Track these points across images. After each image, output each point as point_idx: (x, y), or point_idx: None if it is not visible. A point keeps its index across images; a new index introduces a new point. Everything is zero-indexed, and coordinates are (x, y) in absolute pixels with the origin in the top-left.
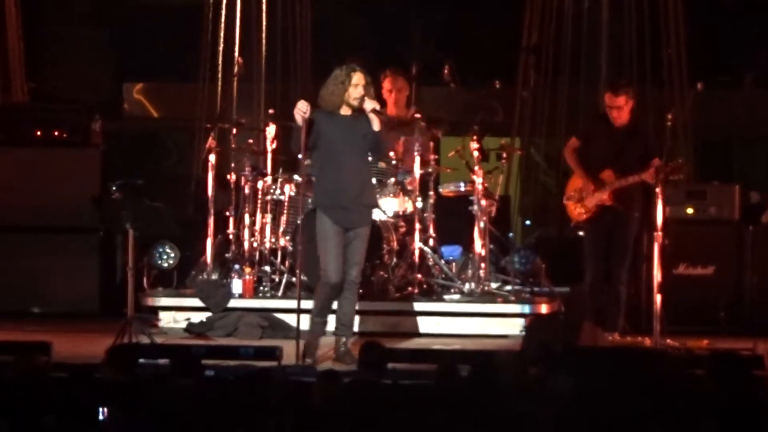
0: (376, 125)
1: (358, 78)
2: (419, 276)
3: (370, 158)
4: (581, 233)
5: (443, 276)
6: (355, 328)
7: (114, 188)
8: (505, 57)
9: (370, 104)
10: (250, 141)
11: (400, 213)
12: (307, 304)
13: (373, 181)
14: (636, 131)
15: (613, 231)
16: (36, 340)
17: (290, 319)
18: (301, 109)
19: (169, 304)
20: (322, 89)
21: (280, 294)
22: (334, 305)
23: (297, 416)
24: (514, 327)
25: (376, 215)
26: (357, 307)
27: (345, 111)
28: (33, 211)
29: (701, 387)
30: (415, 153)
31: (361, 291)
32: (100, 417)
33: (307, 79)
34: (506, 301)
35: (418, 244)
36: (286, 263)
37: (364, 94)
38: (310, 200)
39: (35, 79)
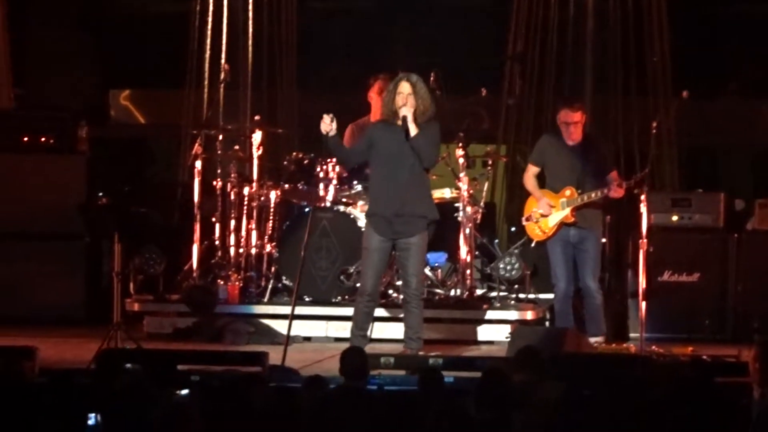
0: (411, 132)
1: (402, 86)
2: None
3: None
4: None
5: (428, 283)
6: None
7: (100, 194)
8: (490, 65)
9: (403, 110)
10: (236, 147)
11: None
12: (296, 310)
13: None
14: (590, 146)
15: (579, 245)
16: (21, 345)
17: (276, 324)
18: (325, 122)
19: (155, 309)
20: None
21: (266, 299)
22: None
23: (282, 421)
24: (500, 333)
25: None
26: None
27: (400, 121)
28: (19, 217)
29: (685, 394)
30: None
31: (345, 298)
32: (90, 422)
33: (293, 86)
34: (491, 307)
35: None
36: (272, 269)
37: (404, 103)
38: (296, 206)
39: (21, 86)
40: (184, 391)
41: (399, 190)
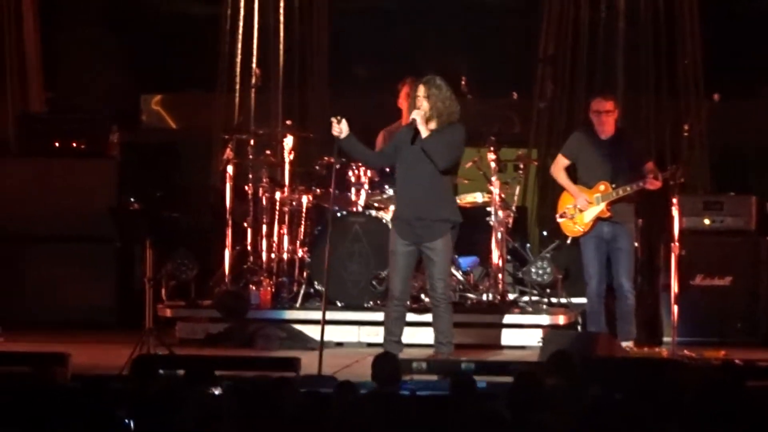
0: (421, 134)
1: (417, 90)
2: None
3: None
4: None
5: (461, 287)
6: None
7: (132, 199)
8: (522, 67)
9: (413, 114)
10: (268, 152)
11: None
12: (328, 315)
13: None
14: (623, 139)
15: (613, 243)
16: (53, 351)
17: (308, 329)
18: (335, 126)
19: (187, 315)
20: None
21: (298, 305)
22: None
23: (313, 426)
24: (532, 338)
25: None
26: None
27: (427, 124)
28: (51, 221)
29: (716, 397)
30: None
31: (377, 303)
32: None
33: (325, 90)
34: (523, 312)
35: None
36: (304, 274)
37: (417, 105)
38: (328, 211)
39: (53, 89)
40: (217, 391)
41: (419, 193)
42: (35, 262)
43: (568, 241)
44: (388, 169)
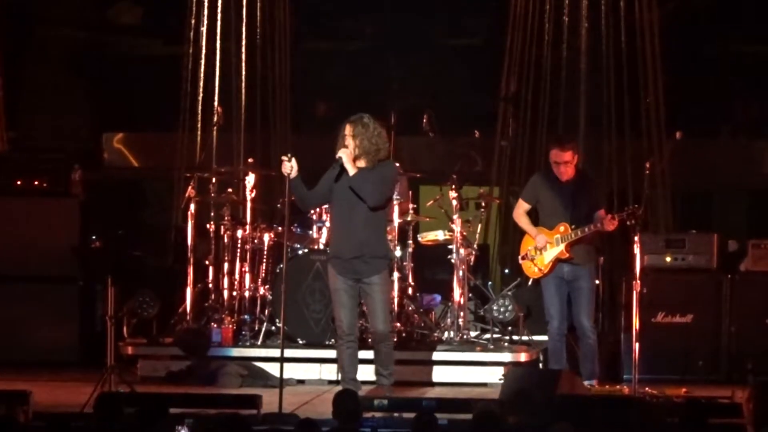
0: (348, 172)
1: (345, 128)
2: (398, 325)
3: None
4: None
5: (422, 325)
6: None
7: (94, 238)
8: (483, 106)
9: (339, 153)
10: (230, 190)
11: None
12: (289, 352)
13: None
14: (583, 182)
15: (573, 283)
16: (15, 389)
17: (270, 367)
18: (285, 165)
19: (149, 353)
20: None
21: (259, 342)
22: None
23: None
24: (493, 375)
25: None
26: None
27: (357, 163)
28: (13, 260)
29: None
30: (394, 202)
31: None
32: None
33: (287, 128)
34: (485, 349)
35: (396, 292)
36: (266, 312)
37: (344, 144)
38: (290, 249)
39: (15, 129)
40: (183, 430)
41: (356, 231)
42: None
43: (530, 282)
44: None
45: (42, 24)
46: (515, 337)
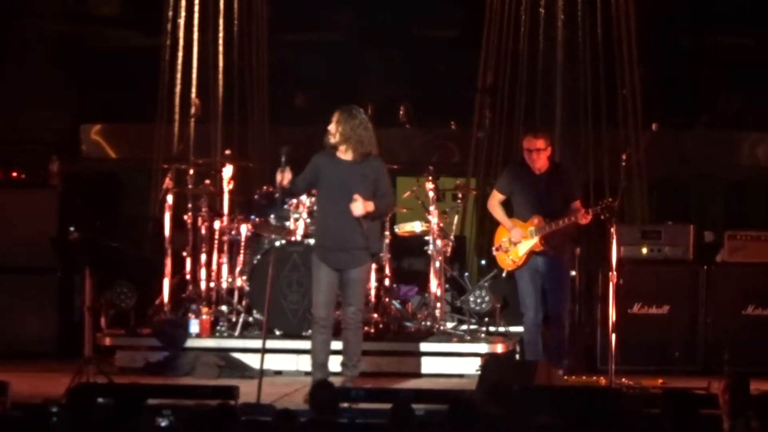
0: (365, 210)
1: (334, 115)
2: (375, 316)
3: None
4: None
5: (399, 316)
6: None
7: (72, 229)
8: (460, 98)
9: (352, 208)
10: (207, 181)
11: None
12: (267, 344)
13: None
14: (557, 174)
15: (548, 274)
16: None
17: (247, 358)
18: (281, 176)
19: (126, 343)
20: None
21: (237, 334)
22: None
23: None
24: (470, 366)
25: None
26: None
27: (341, 154)
28: None
29: (656, 426)
30: None
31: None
32: None
33: (264, 120)
34: (462, 340)
35: (374, 283)
36: (243, 303)
37: (328, 130)
38: (266, 240)
39: None
40: (164, 422)
41: (341, 223)
42: None
43: (504, 274)
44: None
45: (21, 15)
46: (492, 328)
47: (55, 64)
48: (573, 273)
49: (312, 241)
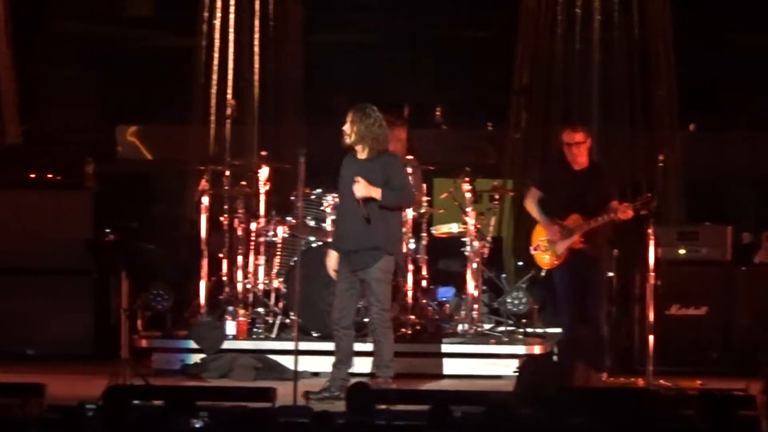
0: (375, 197)
1: (348, 115)
2: (412, 317)
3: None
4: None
5: (436, 317)
6: (352, 369)
7: (108, 230)
8: (497, 99)
9: (354, 189)
10: (243, 183)
11: None
12: (304, 345)
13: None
14: (595, 173)
15: (586, 273)
16: (30, 381)
17: (284, 360)
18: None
19: (163, 345)
20: None
21: (273, 335)
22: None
23: None
24: (507, 368)
25: None
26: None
27: (359, 154)
28: (27, 253)
29: (693, 428)
30: None
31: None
32: None
33: (300, 121)
34: (499, 342)
35: (411, 285)
36: (280, 304)
37: (343, 129)
38: (303, 242)
39: (28, 122)
40: (198, 423)
41: (354, 222)
42: (11, 294)
43: (542, 273)
44: None
45: (55, 17)
46: (529, 330)
47: (91, 66)
48: (610, 274)
49: None
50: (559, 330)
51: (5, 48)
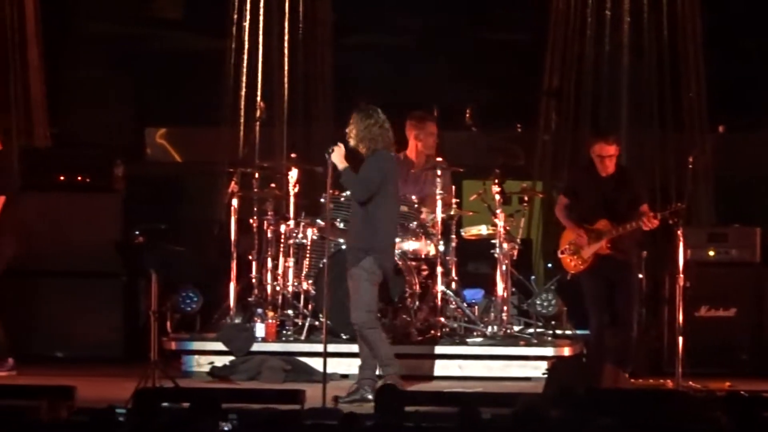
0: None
1: (352, 117)
2: (441, 319)
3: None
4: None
5: (465, 319)
6: (378, 372)
7: (137, 233)
8: (526, 100)
9: (331, 150)
10: (273, 185)
11: (422, 256)
12: (332, 347)
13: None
14: (624, 177)
15: (616, 279)
16: (60, 384)
17: (313, 362)
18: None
19: (192, 348)
20: None
21: (303, 338)
22: None
23: None
24: (537, 370)
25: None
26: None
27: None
28: (56, 255)
29: (721, 429)
30: (437, 196)
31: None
32: None
33: (329, 123)
34: (528, 344)
35: (440, 287)
36: (309, 307)
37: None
38: (332, 244)
39: (58, 124)
40: (227, 427)
41: (353, 222)
42: (41, 296)
43: (568, 277)
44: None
45: (84, 19)
46: (558, 332)
47: (120, 68)
48: (640, 276)
49: None
50: (587, 332)
51: (34, 50)
